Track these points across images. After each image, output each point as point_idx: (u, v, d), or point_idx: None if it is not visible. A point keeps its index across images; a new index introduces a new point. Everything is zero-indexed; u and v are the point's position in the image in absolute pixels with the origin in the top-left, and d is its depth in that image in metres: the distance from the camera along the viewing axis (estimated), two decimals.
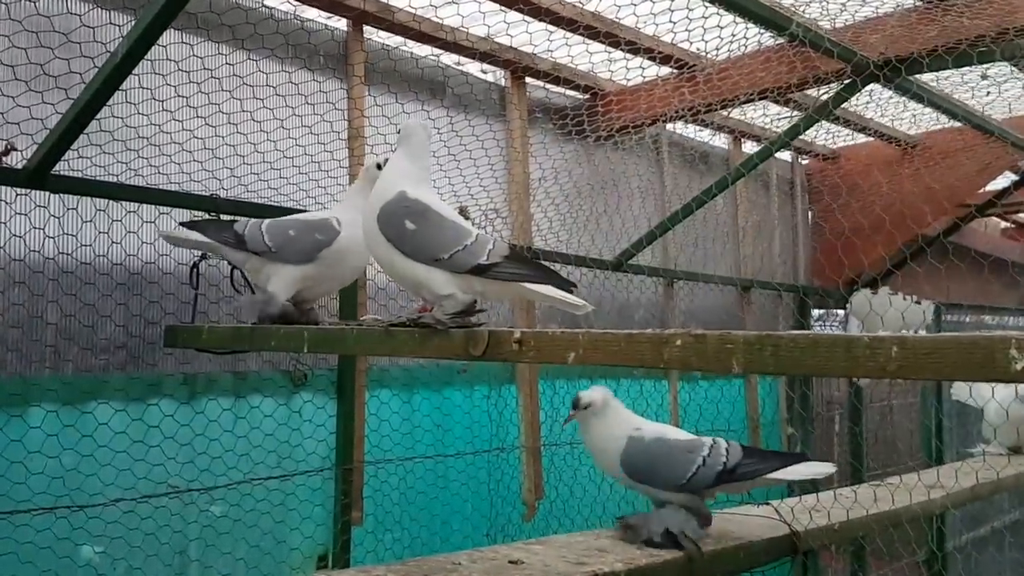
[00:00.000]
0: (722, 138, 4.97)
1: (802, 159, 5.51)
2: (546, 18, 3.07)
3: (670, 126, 4.45)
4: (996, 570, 5.35)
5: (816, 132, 4.78)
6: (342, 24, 3.15)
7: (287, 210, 2.69)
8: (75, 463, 2.43)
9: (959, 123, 4.15)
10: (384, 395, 3.22)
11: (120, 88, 2.17)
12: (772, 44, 3.27)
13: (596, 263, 3.94)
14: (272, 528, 2.86)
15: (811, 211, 5.63)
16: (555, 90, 3.92)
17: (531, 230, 3.79)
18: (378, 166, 2.20)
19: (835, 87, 3.45)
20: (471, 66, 3.52)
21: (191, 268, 2.56)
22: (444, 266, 1.74)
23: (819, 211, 5.54)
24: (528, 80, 3.77)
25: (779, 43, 3.21)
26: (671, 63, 3.50)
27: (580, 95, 3.95)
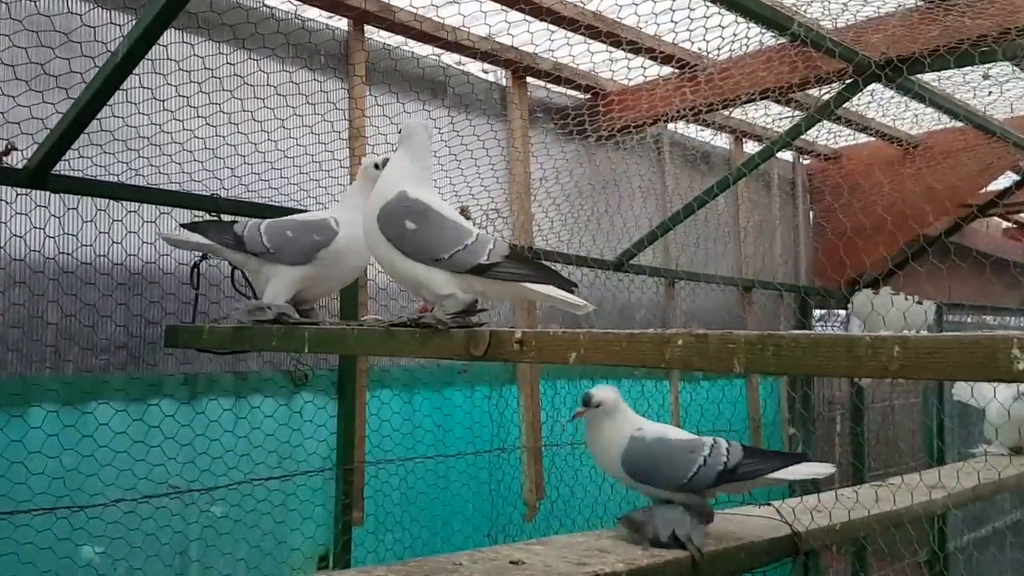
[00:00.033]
0: (723, 138, 4.97)
1: (804, 159, 5.51)
2: (547, 18, 3.07)
3: (671, 126, 4.45)
4: (998, 570, 5.34)
5: (818, 132, 4.78)
6: (343, 24, 3.15)
7: (288, 210, 2.68)
8: (75, 463, 2.43)
9: (961, 123, 4.14)
10: (385, 395, 3.22)
11: (121, 88, 2.16)
12: (774, 44, 3.27)
13: (597, 263, 3.94)
14: (273, 528, 2.85)
15: (813, 211, 5.62)
16: (556, 90, 3.92)
17: (532, 230, 3.79)
18: (377, 165, 2.20)
19: (837, 87, 3.45)
20: (472, 66, 3.52)
21: (192, 268, 2.55)
22: (444, 266, 1.74)
23: (821, 211, 5.53)
24: (529, 80, 3.77)
25: (781, 43, 3.21)
26: (672, 63, 3.49)
27: (581, 95, 3.94)
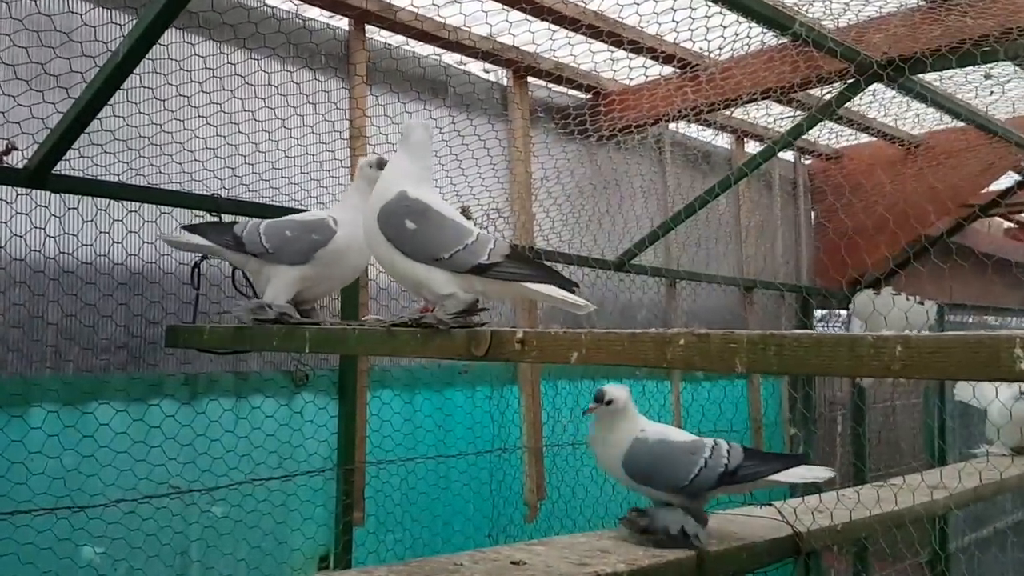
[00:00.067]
0: (725, 138, 4.96)
1: (805, 159, 5.50)
2: (548, 17, 3.07)
3: (673, 126, 4.44)
4: (999, 571, 5.34)
5: (819, 132, 4.77)
6: (344, 23, 3.14)
7: (289, 210, 2.68)
8: (76, 464, 2.43)
9: (962, 123, 4.14)
10: (386, 395, 3.22)
11: (121, 87, 2.16)
12: (775, 44, 3.27)
13: (598, 263, 3.93)
14: (273, 529, 2.85)
15: (814, 211, 5.62)
16: (557, 89, 3.92)
17: (533, 230, 3.79)
18: (372, 165, 2.20)
19: (838, 87, 3.45)
20: (473, 65, 3.52)
21: (192, 268, 2.55)
22: (445, 266, 1.74)
23: (822, 211, 5.52)
24: (530, 79, 3.76)
25: (782, 43, 3.21)
26: (674, 62, 3.49)
27: (582, 95, 3.94)
